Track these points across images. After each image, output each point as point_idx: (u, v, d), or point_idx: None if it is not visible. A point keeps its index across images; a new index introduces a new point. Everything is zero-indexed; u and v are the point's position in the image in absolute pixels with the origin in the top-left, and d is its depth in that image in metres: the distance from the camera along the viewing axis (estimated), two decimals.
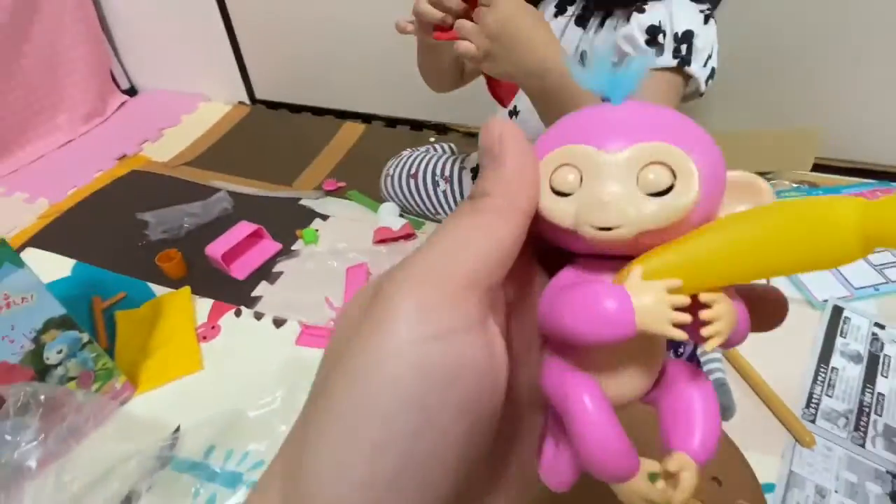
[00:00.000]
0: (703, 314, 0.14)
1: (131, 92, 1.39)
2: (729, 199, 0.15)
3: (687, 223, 0.14)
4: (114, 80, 1.34)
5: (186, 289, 0.78)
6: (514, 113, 0.72)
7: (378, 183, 0.92)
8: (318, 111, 1.25)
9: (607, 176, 0.14)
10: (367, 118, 1.20)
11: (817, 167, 0.91)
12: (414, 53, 0.71)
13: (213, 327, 0.73)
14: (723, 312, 0.14)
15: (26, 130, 1.16)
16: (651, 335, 0.14)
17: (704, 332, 0.14)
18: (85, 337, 0.57)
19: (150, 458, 0.52)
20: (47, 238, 0.91)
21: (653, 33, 0.51)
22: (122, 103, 1.34)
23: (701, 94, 0.56)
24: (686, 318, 0.14)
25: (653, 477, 0.15)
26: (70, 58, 1.21)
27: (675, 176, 0.14)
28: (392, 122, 1.19)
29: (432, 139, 1.10)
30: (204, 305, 0.77)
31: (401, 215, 0.91)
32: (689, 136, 0.15)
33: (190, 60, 1.32)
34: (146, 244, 0.88)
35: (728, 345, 0.15)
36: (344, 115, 1.21)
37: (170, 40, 1.29)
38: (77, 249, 0.87)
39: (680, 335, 0.14)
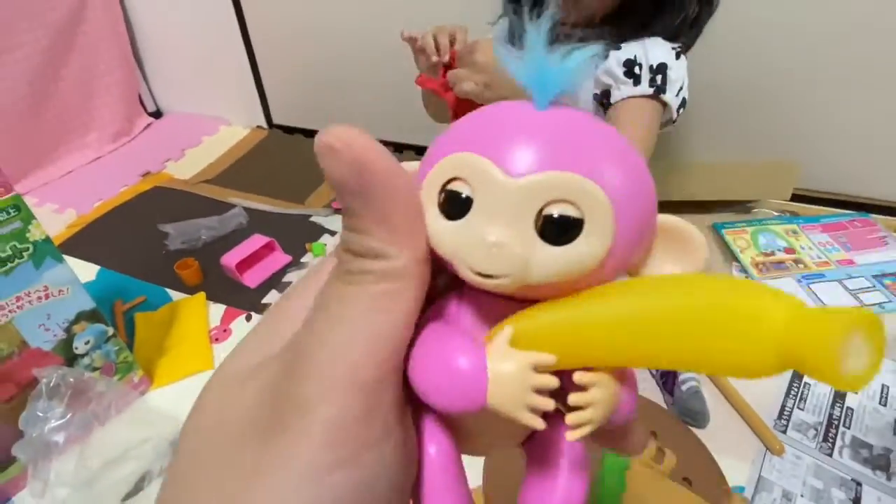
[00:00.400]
0: (573, 398, 0.12)
1: (157, 114, 1.48)
2: (658, 247, 0.13)
3: (599, 274, 0.12)
4: (141, 103, 1.44)
5: (201, 295, 0.83)
6: None
7: None
8: None
9: (500, 208, 0.11)
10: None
11: (797, 198, 0.96)
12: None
13: (224, 330, 0.78)
14: (599, 399, 0.12)
15: (58, 147, 1.24)
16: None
17: (570, 419, 0.12)
18: (110, 330, 0.63)
19: (164, 443, 0.57)
20: (75, 245, 0.97)
21: (629, 66, 0.57)
22: (148, 125, 1.43)
23: (673, 122, 0.62)
24: (546, 405, 0.11)
25: None
26: (103, 82, 1.30)
27: (584, 220, 0.11)
28: (399, 147, 1.26)
29: None
30: (217, 310, 0.82)
31: None
32: (617, 164, 0.12)
33: (213, 87, 1.41)
34: (166, 253, 0.94)
35: (601, 429, 0.12)
36: None
37: (196, 68, 1.39)
38: (102, 256, 0.94)
39: (535, 423, 0.11)
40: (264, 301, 0.84)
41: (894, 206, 0.94)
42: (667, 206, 0.97)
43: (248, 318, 0.81)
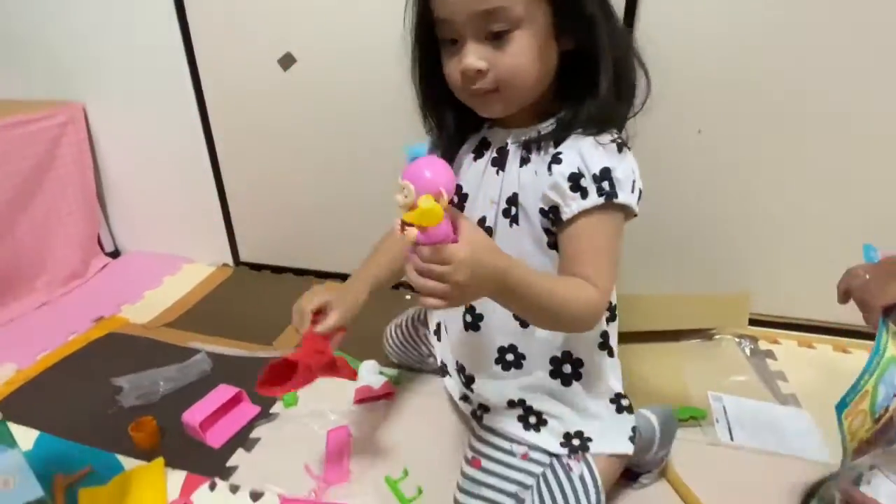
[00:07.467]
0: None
1: (115, 254, 1.44)
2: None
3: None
4: (99, 243, 1.40)
5: (159, 461, 0.75)
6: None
7: (360, 342, 0.94)
8: (300, 272, 1.32)
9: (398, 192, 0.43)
10: (346, 278, 1.27)
11: (755, 322, 1.01)
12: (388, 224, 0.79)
13: (185, 503, 0.69)
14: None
15: (4, 294, 1.17)
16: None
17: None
18: None
19: None
20: (11, 407, 0.87)
21: (575, 179, 0.55)
22: (104, 265, 1.38)
23: (635, 215, 0.59)
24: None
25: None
26: (62, 224, 1.28)
27: (406, 192, 0.42)
28: None
29: (408, 297, 1.17)
30: (176, 479, 0.73)
31: (380, 373, 0.93)
32: (424, 176, 0.42)
33: (177, 224, 1.39)
34: (118, 411, 0.86)
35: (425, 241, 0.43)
36: (325, 275, 1.28)
37: (159, 204, 1.37)
38: (43, 419, 0.84)
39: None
40: (229, 464, 0.76)
41: (850, 329, 0.99)
42: (635, 337, 0.97)
43: (213, 487, 0.72)
